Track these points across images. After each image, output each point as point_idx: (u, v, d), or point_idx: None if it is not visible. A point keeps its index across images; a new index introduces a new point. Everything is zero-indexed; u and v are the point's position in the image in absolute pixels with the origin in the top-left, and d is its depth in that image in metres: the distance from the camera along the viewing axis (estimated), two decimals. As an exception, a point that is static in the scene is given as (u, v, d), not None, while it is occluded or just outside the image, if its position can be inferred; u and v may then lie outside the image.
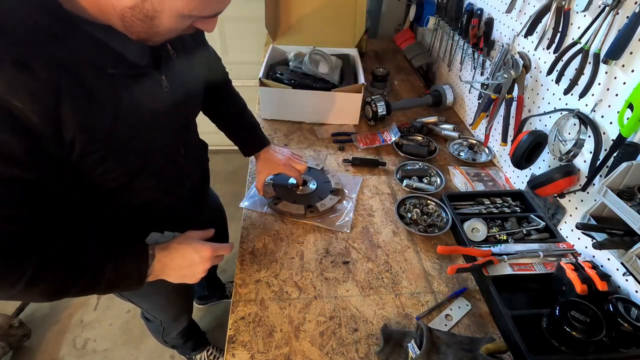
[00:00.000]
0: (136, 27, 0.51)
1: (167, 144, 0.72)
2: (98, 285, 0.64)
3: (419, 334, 0.70)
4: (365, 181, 1.17)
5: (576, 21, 0.86)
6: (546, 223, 0.96)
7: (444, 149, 1.32)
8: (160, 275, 0.72)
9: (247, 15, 2.06)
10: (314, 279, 0.88)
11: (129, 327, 1.72)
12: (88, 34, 0.52)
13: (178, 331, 1.28)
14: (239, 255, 0.92)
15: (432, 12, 1.66)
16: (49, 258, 0.58)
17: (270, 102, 1.38)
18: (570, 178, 0.86)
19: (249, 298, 0.83)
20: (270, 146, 1.05)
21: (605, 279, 0.75)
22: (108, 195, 0.68)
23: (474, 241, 0.93)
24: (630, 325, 0.67)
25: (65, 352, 1.63)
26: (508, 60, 1.05)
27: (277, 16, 1.58)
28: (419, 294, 0.86)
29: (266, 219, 1.02)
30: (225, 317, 1.29)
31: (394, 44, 1.98)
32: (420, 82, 1.75)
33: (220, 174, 2.54)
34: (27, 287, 0.56)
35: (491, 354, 0.68)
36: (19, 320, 1.59)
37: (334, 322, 0.79)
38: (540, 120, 1.02)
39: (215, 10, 0.54)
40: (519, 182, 1.14)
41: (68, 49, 0.50)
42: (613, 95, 0.77)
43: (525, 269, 0.84)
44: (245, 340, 0.75)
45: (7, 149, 0.48)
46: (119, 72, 0.57)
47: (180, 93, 0.72)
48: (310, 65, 1.39)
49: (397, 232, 1.01)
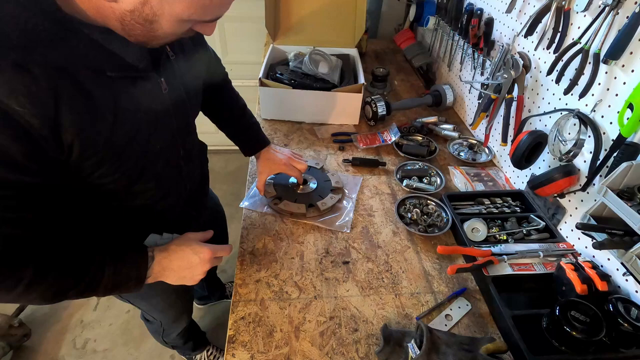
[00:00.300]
0: (135, 31, 0.51)
1: (166, 146, 0.72)
2: (97, 288, 0.64)
3: (419, 334, 0.70)
4: (365, 181, 1.17)
5: (576, 21, 0.86)
6: (546, 223, 0.96)
7: (444, 149, 1.32)
8: (160, 277, 0.72)
9: (247, 15, 2.06)
10: (314, 279, 0.88)
11: (129, 327, 1.72)
12: (87, 37, 0.51)
13: (178, 332, 1.28)
14: (239, 255, 0.92)
15: (432, 12, 1.66)
16: (48, 261, 0.58)
17: (270, 102, 1.38)
18: (570, 178, 0.86)
19: (249, 298, 0.83)
20: (271, 146, 1.05)
21: (605, 279, 0.75)
22: (107, 197, 0.68)
23: (474, 241, 0.93)
24: (630, 325, 0.67)
25: (65, 352, 1.63)
26: (508, 60, 1.05)
27: (277, 16, 1.58)
28: (419, 294, 0.86)
29: (266, 219, 1.02)
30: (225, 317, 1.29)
31: (394, 44, 1.98)
32: (420, 82, 1.75)
33: (220, 174, 2.54)
34: (26, 290, 0.56)
35: (491, 354, 0.68)
36: (19, 320, 1.59)
37: (334, 322, 0.79)
38: (540, 120, 1.02)
39: (214, 15, 0.54)
40: (519, 182, 1.14)
41: (67, 52, 0.50)
42: (613, 95, 0.77)
43: (525, 269, 0.84)
44: (245, 340, 0.75)
45: (6, 152, 0.48)
46: (117, 75, 0.57)
47: (180, 95, 0.72)
48: (310, 65, 1.39)
49: (397, 232, 1.01)
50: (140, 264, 0.68)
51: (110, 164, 0.60)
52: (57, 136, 0.51)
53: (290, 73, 1.40)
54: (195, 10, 0.50)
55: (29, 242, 0.56)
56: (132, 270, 0.67)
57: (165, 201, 0.78)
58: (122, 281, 0.66)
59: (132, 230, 0.78)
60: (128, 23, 0.50)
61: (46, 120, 0.49)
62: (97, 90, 0.54)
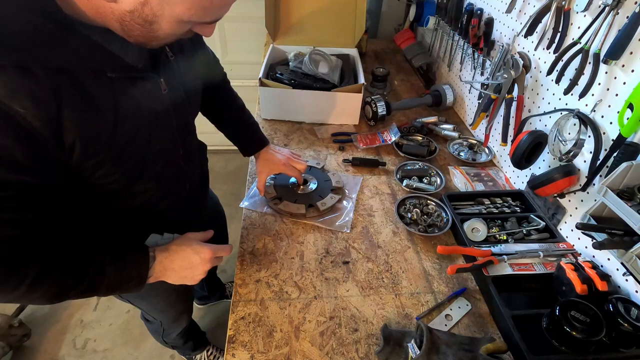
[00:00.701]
0: (135, 31, 0.51)
1: (166, 146, 0.72)
2: (99, 288, 0.64)
3: (419, 334, 0.70)
4: (365, 181, 1.17)
5: (576, 21, 0.86)
6: (546, 223, 0.96)
7: (444, 149, 1.32)
8: (161, 277, 0.72)
9: (247, 15, 2.06)
10: (314, 279, 0.88)
11: (129, 327, 1.72)
12: (87, 38, 0.51)
13: (178, 332, 1.28)
14: (239, 255, 0.92)
15: (432, 12, 1.66)
16: (50, 262, 0.58)
17: (270, 102, 1.38)
18: (570, 178, 0.86)
19: (249, 298, 0.83)
20: (270, 146, 1.05)
21: (605, 279, 0.75)
22: (107, 198, 0.68)
23: (474, 241, 0.93)
24: (630, 325, 0.67)
25: (65, 352, 1.63)
26: (508, 60, 1.05)
27: (277, 16, 1.58)
28: (419, 294, 0.86)
29: (266, 219, 1.02)
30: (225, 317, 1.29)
31: (394, 44, 1.98)
32: (420, 82, 1.75)
33: (220, 174, 2.54)
34: (28, 291, 0.56)
35: (491, 354, 0.68)
36: (19, 320, 1.59)
37: (334, 322, 0.79)
38: (540, 120, 1.02)
39: (214, 17, 0.54)
40: (519, 182, 1.14)
41: (68, 53, 0.50)
42: (613, 95, 0.77)
43: (525, 269, 0.84)
44: (245, 340, 0.75)
45: (8, 153, 0.48)
46: (118, 76, 0.57)
47: (179, 95, 0.72)
48: (310, 65, 1.39)
49: (397, 232, 1.01)
50: (141, 264, 0.68)
51: (110, 164, 0.60)
52: (58, 137, 0.51)
53: (290, 73, 1.40)
54: (196, 11, 0.50)
55: (31, 242, 0.56)
56: (133, 270, 0.67)
57: (165, 201, 0.78)
58: (123, 281, 0.66)
59: (132, 230, 0.78)
60: (127, 24, 0.50)
61: (48, 121, 0.49)
62: (97, 91, 0.54)
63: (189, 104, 0.77)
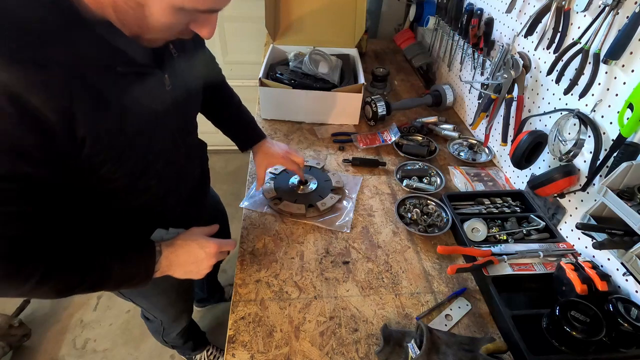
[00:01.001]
0: (128, 18, 0.52)
1: (167, 145, 0.72)
2: (107, 282, 0.65)
3: (419, 334, 0.70)
4: (365, 181, 1.17)
5: (576, 21, 0.86)
6: (546, 223, 0.96)
7: (444, 149, 1.32)
8: (167, 271, 0.73)
9: (247, 15, 2.06)
10: (314, 279, 0.88)
11: (129, 327, 1.72)
12: (97, 34, 0.52)
13: (178, 331, 1.28)
14: (239, 255, 0.92)
15: (432, 12, 1.66)
16: (58, 257, 0.59)
17: (270, 102, 1.38)
18: (570, 178, 0.86)
19: (249, 298, 0.83)
20: (267, 139, 1.05)
21: (605, 279, 0.75)
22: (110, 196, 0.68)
23: (474, 241, 0.93)
24: (630, 325, 0.67)
25: (65, 352, 1.63)
26: (508, 60, 1.05)
27: (277, 16, 1.58)
28: (419, 294, 0.86)
29: (266, 219, 1.02)
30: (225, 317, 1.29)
31: (394, 44, 1.98)
32: (420, 82, 1.75)
33: (220, 174, 2.54)
34: (37, 286, 0.57)
35: (491, 354, 0.68)
36: (19, 320, 1.59)
37: (334, 322, 0.79)
38: (540, 120, 1.02)
39: (209, 6, 0.53)
40: (519, 182, 1.14)
41: (80, 48, 0.51)
42: (613, 95, 0.77)
43: (525, 269, 0.84)
44: (245, 340, 0.75)
45: (23, 145, 0.49)
46: (125, 71, 0.57)
47: (182, 92, 0.72)
48: (310, 65, 1.39)
49: (397, 232, 1.01)
50: (148, 259, 0.69)
51: (114, 160, 0.61)
52: (71, 131, 0.52)
53: (290, 73, 1.40)
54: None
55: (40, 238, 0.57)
56: (140, 264, 0.68)
57: (166, 200, 0.78)
58: (131, 276, 0.67)
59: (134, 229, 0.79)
60: (120, 8, 0.50)
61: (62, 115, 0.50)
62: (107, 86, 0.55)
63: (191, 101, 0.77)
